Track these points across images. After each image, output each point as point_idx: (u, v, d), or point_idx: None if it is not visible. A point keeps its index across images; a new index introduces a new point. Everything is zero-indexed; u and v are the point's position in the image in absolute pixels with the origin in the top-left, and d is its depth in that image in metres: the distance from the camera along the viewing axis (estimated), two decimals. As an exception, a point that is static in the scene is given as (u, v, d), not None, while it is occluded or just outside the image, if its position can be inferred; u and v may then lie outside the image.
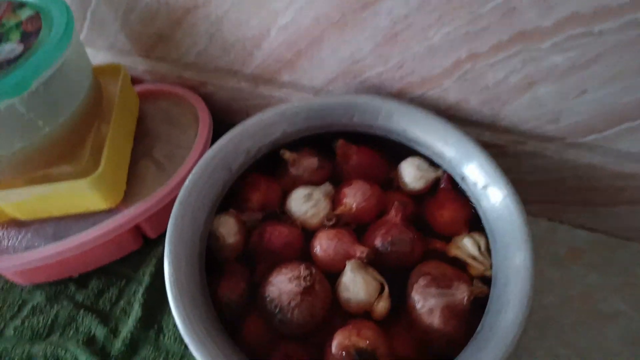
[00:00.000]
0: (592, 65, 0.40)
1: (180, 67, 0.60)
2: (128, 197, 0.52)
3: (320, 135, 0.51)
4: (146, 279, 0.53)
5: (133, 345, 0.49)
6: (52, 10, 0.46)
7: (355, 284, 0.40)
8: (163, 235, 0.56)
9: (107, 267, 0.55)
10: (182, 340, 0.49)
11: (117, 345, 0.49)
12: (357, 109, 0.50)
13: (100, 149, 0.49)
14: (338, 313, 0.41)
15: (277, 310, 0.39)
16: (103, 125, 0.51)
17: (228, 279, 0.42)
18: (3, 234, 0.50)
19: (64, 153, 0.48)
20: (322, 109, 0.50)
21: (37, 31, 0.44)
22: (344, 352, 0.37)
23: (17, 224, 0.51)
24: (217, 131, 0.57)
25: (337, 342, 0.38)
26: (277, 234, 0.44)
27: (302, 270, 0.40)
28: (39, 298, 0.53)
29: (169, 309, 0.51)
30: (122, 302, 0.52)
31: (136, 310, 0.51)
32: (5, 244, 0.50)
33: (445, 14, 0.41)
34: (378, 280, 0.41)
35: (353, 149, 0.50)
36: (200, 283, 0.41)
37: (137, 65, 0.62)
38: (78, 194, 0.48)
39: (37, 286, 0.54)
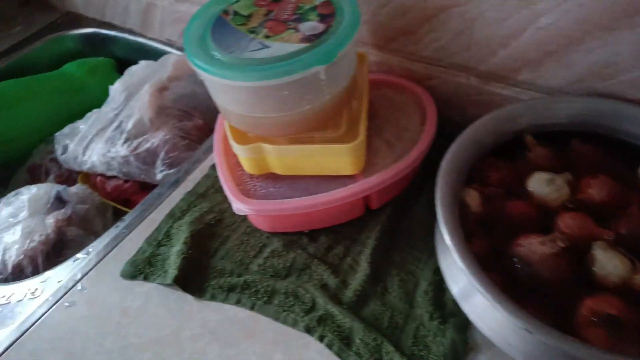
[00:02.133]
0: None
1: (411, 60, 0.66)
2: (365, 168, 0.59)
3: (562, 132, 0.55)
4: (371, 242, 0.59)
5: (362, 297, 0.55)
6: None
7: (611, 261, 0.44)
8: (383, 207, 0.62)
9: (333, 227, 0.62)
10: (407, 300, 0.54)
11: (349, 294, 0.55)
12: (604, 112, 0.53)
13: (353, 121, 0.57)
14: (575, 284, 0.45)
15: (527, 266, 0.45)
16: (354, 101, 0.59)
17: (480, 239, 0.48)
18: (262, 184, 0.59)
19: (329, 120, 0.55)
20: (569, 108, 0.54)
21: (332, 14, 0.52)
22: (594, 317, 0.41)
23: (274, 178, 0.60)
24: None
25: (588, 307, 0.42)
26: (516, 206, 0.50)
27: (558, 234, 0.46)
28: (276, 244, 0.61)
29: (394, 271, 0.57)
30: (348, 259, 0.59)
31: (364, 267, 0.57)
32: (264, 192, 0.58)
33: None
34: (628, 258, 0.45)
35: (586, 148, 0.53)
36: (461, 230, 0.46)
37: (369, 56, 0.69)
38: (334, 157, 0.55)
39: (274, 234, 0.63)
